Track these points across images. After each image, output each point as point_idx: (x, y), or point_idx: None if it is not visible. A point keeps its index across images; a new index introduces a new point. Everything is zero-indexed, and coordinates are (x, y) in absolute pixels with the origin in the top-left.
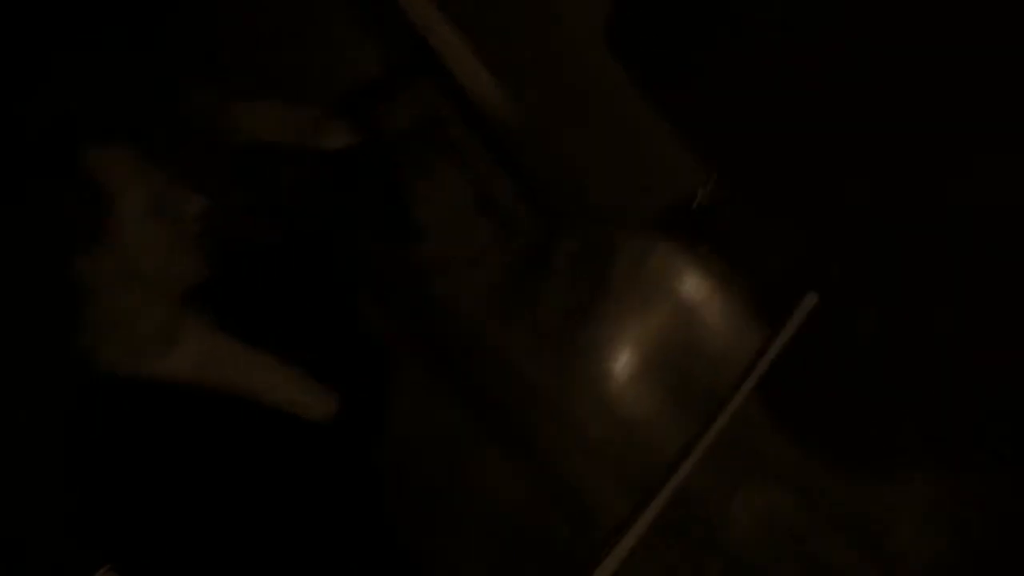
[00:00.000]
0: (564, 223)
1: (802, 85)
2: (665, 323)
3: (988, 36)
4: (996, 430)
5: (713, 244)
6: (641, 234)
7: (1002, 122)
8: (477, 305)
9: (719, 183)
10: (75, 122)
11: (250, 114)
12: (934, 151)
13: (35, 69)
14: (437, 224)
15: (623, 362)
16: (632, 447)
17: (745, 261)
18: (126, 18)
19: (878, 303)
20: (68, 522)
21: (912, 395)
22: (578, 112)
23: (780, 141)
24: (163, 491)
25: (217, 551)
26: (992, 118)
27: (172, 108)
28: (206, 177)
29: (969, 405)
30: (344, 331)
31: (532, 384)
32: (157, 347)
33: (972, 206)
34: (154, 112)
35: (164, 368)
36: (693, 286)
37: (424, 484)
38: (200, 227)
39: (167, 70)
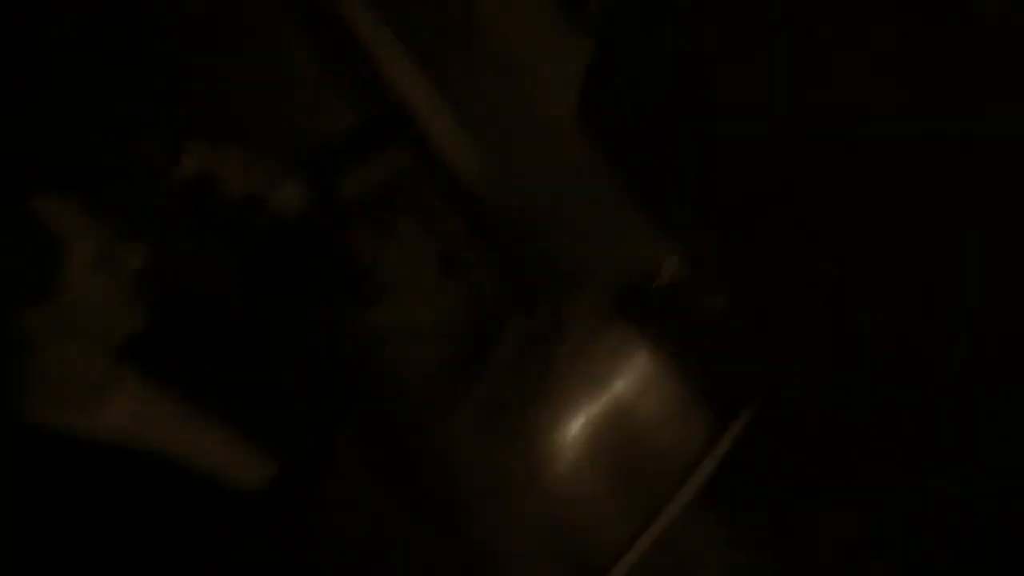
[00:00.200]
0: (522, 294)
1: (774, 170)
2: (612, 409)
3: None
4: (946, 537)
5: (667, 328)
6: (595, 312)
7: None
8: (423, 377)
9: (682, 265)
10: (24, 168)
11: (206, 162)
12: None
13: None
14: (399, 285)
15: (566, 448)
16: (571, 537)
17: (699, 349)
18: (82, 62)
19: (829, 405)
20: None
21: (861, 497)
22: (547, 182)
23: (746, 227)
24: (80, 554)
25: None
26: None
27: (124, 156)
28: (155, 228)
29: (916, 508)
30: (283, 396)
31: (472, 464)
32: (90, 402)
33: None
34: (105, 160)
35: (94, 425)
36: (643, 372)
37: (352, 559)
38: (145, 279)
39: (120, 117)
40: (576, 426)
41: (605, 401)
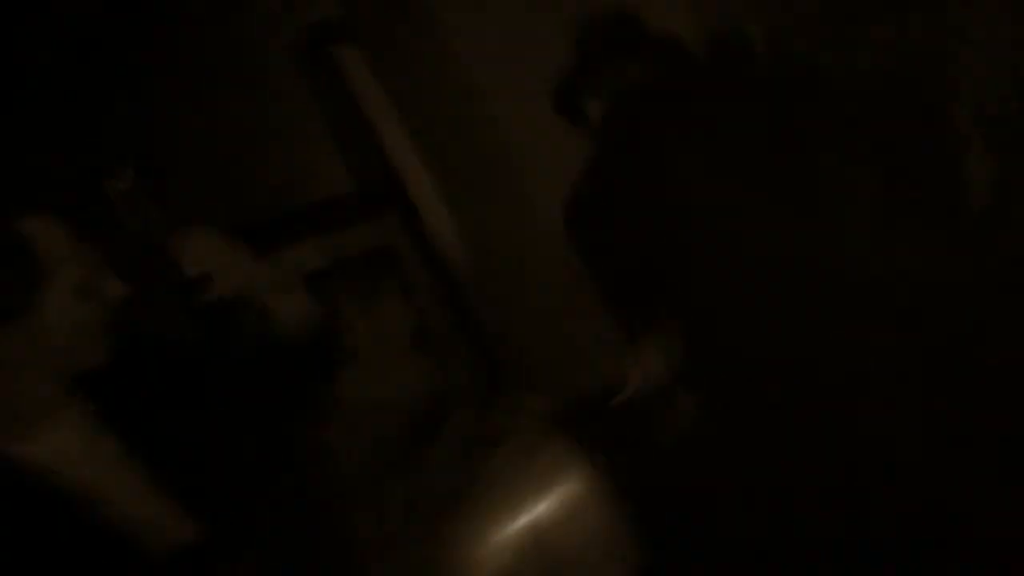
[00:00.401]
0: (480, 385)
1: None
2: (540, 525)
3: None
4: None
5: (611, 450)
6: (542, 421)
7: None
8: (361, 458)
9: (643, 385)
10: (16, 188)
11: (206, 254)
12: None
13: None
14: (368, 354)
15: (491, 557)
16: None
17: (639, 477)
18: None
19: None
20: None
21: None
22: (531, 285)
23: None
24: None
25: None
26: None
27: (115, 192)
28: (134, 266)
29: None
30: (223, 457)
31: (396, 560)
32: (33, 429)
33: None
34: (96, 192)
35: (30, 452)
36: (577, 493)
37: None
38: (118, 315)
39: (114, 151)
40: (503, 536)
41: (535, 515)
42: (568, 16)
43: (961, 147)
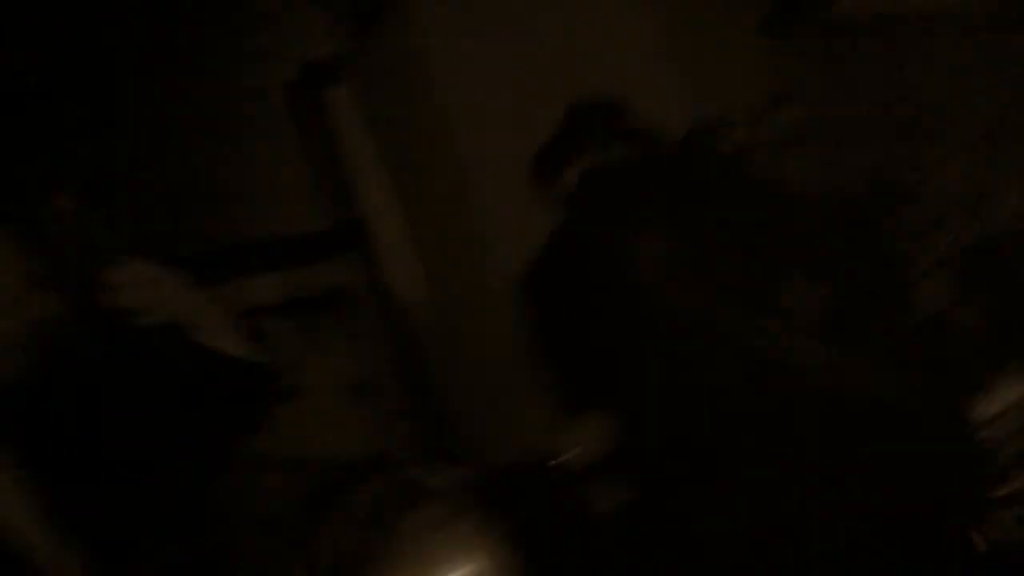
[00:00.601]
0: (413, 446)
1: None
2: None
3: None
4: None
5: (525, 526)
6: (458, 493)
7: None
8: (272, 511)
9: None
10: None
11: (123, 270)
12: None
13: None
14: (307, 400)
15: None
16: None
17: (551, 555)
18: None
19: None
20: None
21: None
22: (482, 347)
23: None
24: None
25: None
26: None
27: (57, 208)
28: (68, 286)
29: None
30: (125, 502)
31: None
32: None
33: None
34: (42, 207)
35: None
36: (482, 571)
37: None
38: (45, 333)
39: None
40: None
41: None
42: (560, 90)
43: (923, 277)
